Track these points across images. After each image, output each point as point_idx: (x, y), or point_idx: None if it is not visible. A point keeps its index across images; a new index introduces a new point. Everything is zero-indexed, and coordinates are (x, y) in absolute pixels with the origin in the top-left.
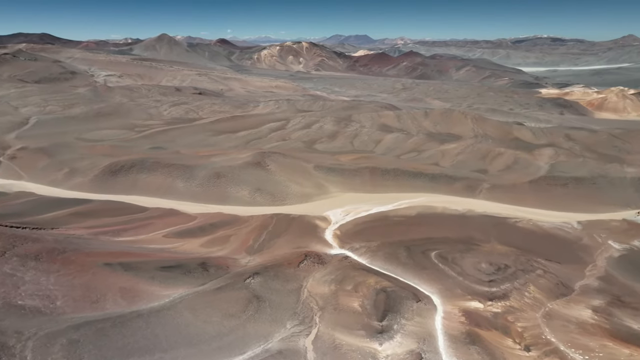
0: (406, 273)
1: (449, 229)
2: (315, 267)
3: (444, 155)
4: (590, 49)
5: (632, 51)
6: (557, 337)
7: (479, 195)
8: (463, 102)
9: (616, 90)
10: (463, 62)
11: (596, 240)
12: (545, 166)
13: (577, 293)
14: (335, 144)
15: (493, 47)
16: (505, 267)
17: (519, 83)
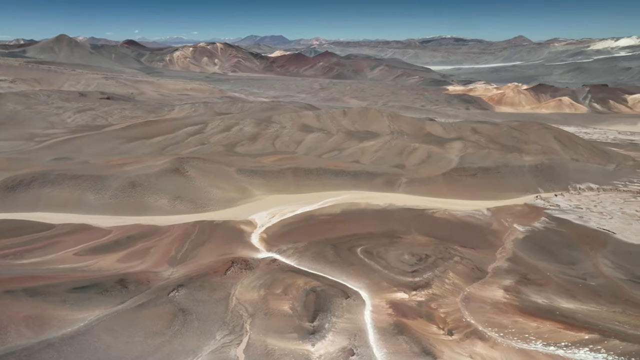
0: (334, 271)
1: (373, 224)
2: (242, 273)
3: (364, 152)
4: (489, 48)
5: (523, 50)
6: (475, 318)
7: (398, 189)
8: (378, 100)
9: (512, 86)
10: (376, 62)
11: (503, 225)
12: (456, 158)
13: (490, 275)
14: (256, 146)
15: (403, 47)
16: (426, 257)
17: (428, 81)
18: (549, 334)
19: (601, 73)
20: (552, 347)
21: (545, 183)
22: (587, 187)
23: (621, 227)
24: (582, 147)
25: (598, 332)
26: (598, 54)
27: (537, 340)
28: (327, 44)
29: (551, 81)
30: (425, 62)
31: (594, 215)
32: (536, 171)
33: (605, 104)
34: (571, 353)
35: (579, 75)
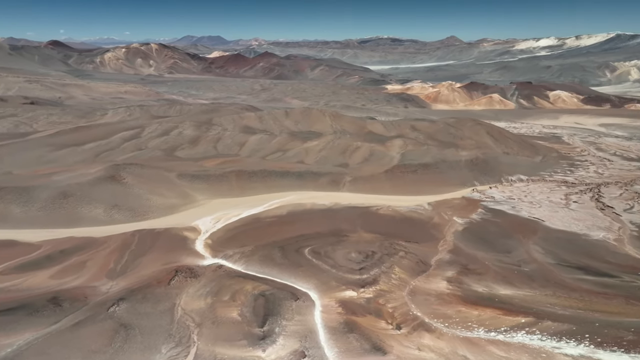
0: (283, 273)
1: (319, 223)
2: (188, 281)
3: (308, 152)
4: (423, 48)
5: (455, 50)
6: (421, 311)
7: (343, 188)
8: (320, 100)
9: (446, 85)
10: (317, 62)
11: (444, 218)
12: (397, 156)
13: (434, 268)
14: (197, 149)
15: (342, 47)
16: (372, 254)
17: (367, 80)
18: (489, 321)
19: (525, 71)
20: (493, 333)
21: (481, 176)
22: (517, 179)
23: (549, 214)
24: (512, 141)
25: (533, 315)
26: (522, 53)
27: (479, 327)
28: (267, 44)
29: (482, 79)
30: (364, 62)
31: (525, 205)
32: (472, 165)
33: (530, 100)
34: (510, 337)
35: (506, 73)
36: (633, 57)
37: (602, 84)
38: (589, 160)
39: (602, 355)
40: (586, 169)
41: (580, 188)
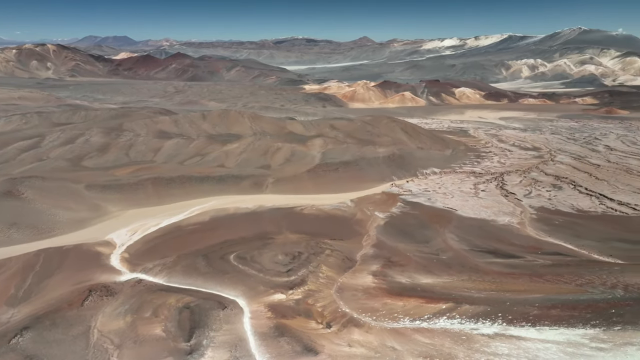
0: (208, 282)
1: (244, 228)
2: (104, 301)
3: (228, 155)
4: (338, 48)
5: (368, 50)
6: (350, 307)
7: (266, 190)
8: (238, 101)
9: (362, 84)
10: (232, 63)
11: (366, 214)
12: (318, 155)
13: (359, 263)
14: (107, 157)
15: (258, 47)
16: (299, 255)
17: (285, 81)
18: (413, 310)
19: (433, 70)
20: (418, 321)
21: (398, 171)
22: (431, 172)
23: (461, 204)
24: (424, 137)
25: (452, 300)
26: (429, 52)
27: (404, 317)
28: (179, 45)
29: (394, 78)
30: (281, 63)
31: (440, 196)
32: (389, 161)
33: (438, 97)
34: (433, 323)
35: (415, 72)
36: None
37: (499, 80)
38: (492, 151)
39: (513, 331)
40: (490, 159)
41: (486, 177)
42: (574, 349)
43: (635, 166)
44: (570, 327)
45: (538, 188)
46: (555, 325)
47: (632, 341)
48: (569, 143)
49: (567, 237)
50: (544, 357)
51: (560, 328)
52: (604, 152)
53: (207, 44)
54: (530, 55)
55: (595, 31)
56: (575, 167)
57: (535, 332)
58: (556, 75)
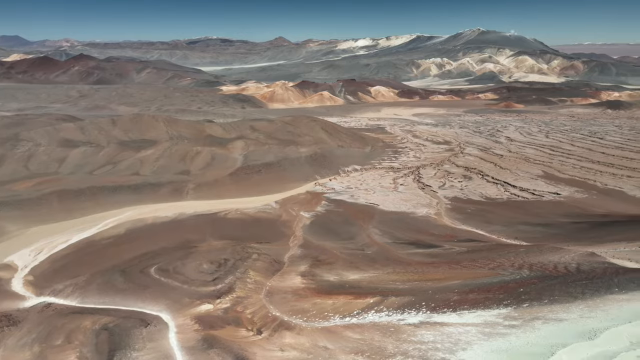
0: (127, 299)
1: (164, 237)
2: (5, 332)
3: (143, 162)
4: (254, 48)
5: (285, 50)
6: (280, 310)
7: (186, 196)
8: (151, 105)
9: (280, 84)
10: (143, 64)
11: (292, 214)
12: (240, 157)
13: (287, 265)
14: (3, 171)
15: (170, 48)
16: (225, 262)
17: (201, 82)
18: (343, 307)
19: (349, 69)
20: (348, 318)
21: (321, 170)
22: (353, 169)
23: (382, 198)
24: (344, 135)
25: (379, 294)
26: (344, 52)
27: (335, 315)
28: (81, 45)
29: (311, 78)
30: (196, 64)
31: (362, 193)
32: (312, 160)
33: (355, 95)
34: (362, 318)
35: (332, 71)
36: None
37: (411, 79)
38: (408, 146)
39: (437, 318)
40: (407, 154)
41: (404, 172)
42: (490, 329)
43: (532, 155)
44: (486, 309)
45: (451, 179)
46: (473, 309)
47: (538, 316)
48: (475, 136)
49: (479, 223)
50: (465, 340)
51: (478, 310)
52: (505, 143)
53: (113, 44)
54: (437, 55)
55: (492, 32)
56: (482, 158)
57: (456, 317)
58: (461, 72)
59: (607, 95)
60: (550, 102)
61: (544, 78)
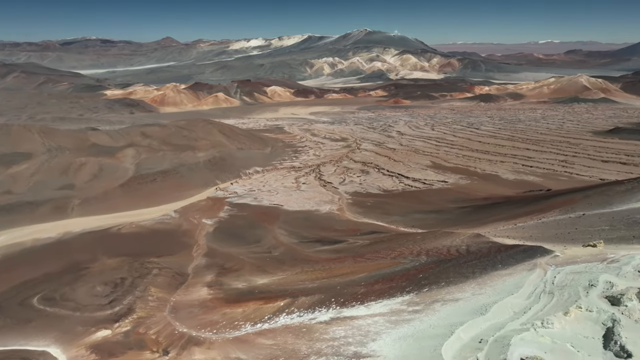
0: (6, 338)
1: (48, 262)
2: None
3: (16, 179)
4: (140, 49)
5: (174, 51)
6: (187, 325)
7: (72, 213)
8: (22, 113)
9: (171, 87)
10: (8, 68)
11: (193, 223)
12: (132, 167)
13: (192, 276)
14: None
15: (40, 49)
16: (122, 281)
17: (81, 87)
18: (254, 314)
19: (243, 70)
20: (259, 324)
21: (221, 174)
22: (254, 171)
23: (285, 199)
24: (243, 137)
25: (289, 296)
26: (237, 53)
27: (246, 323)
28: None
29: (205, 79)
30: (73, 67)
31: (265, 194)
32: (211, 165)
33: (252, 96)
34: (274, 323)
35: (226, 72)
36: (323, 55)
37: (305, 78)
38: (307, 145)
39: (346, 312)
40: (307, 153)
41: (305, 171)
42: (396, 316)
43: (421, 147)
44: (391, 298)
45: (350, 175)
46: (379, 299)
47: (437, 298)
48: (369, 132)
49: (379, 215)
50: (374, 330)
51: (384, 300)
52: (397, 137)
53: None
54: (329, 54)
55: (377, 32)
56: (377, 153)
57: (364, 309)
58: (352, 71)
59: (479, 89)
60: (433, 97)
61: (426, 75)
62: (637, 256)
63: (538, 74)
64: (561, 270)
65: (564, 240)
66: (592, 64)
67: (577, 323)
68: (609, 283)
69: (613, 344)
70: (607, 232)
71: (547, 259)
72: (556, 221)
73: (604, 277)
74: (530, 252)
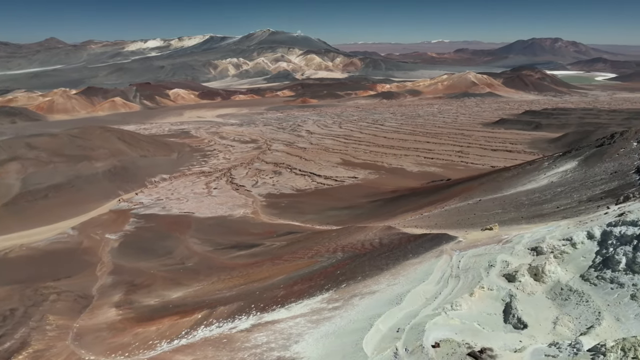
0: None
1: None
2: None
3: None
4: (19, 51)
5: (60, 53)
6: (94, 352)
7: None
8: None
9: (60, 92)
10: None
11: (95, 239)
12: (17, 183)
13: (97, 298)
14: None
15: None
16: (12, 312)
17: None
18: (169, 330)
19: (142, 72)
20: (176, 341)
21: (124, 184)
22: (161, 179)
23: (197, 205)
24: (146, 143)
25: (207, 307)
26: (134, 54)
27: (161, 341)
28: None
29: (99, 83)
30: None
31: (174, 203)
32: (111, 175)
33: (153, 100)
34: (192, 337)
35: (123, 75)
36: (227, 55)
37: (210, 80)
38: (216, 148)
39: (267, 317)
40: (216, 156)
41: (216, 175)
42: (317, 315)
43: (330, 145)
44: (311, 297)
45: (262, 177)
46: (299, 300)
47: (355, 292)
48: (279, 132)
49: (294, 215)
50: (296, 332)
51: (304, 300)
52: (306, 137)
53: None
54: (233, 55)
55: (281, 33)
56: (288, 153)
57: (285, 312)
58: (258, 72)
59: (381, 87)
60: (339, 96)
61: (331, 74)
62: (525, 235)
63: (432, 72)
64: (464, 254)
65: (465, 226)
66: (477, 62)
67: (481, 302)
68: (505, 262)
69: (511, 317)
70: (500, 215)
71: (452, 244)
72: (457, 208)
73: (501, 257)
74: (437, 239)
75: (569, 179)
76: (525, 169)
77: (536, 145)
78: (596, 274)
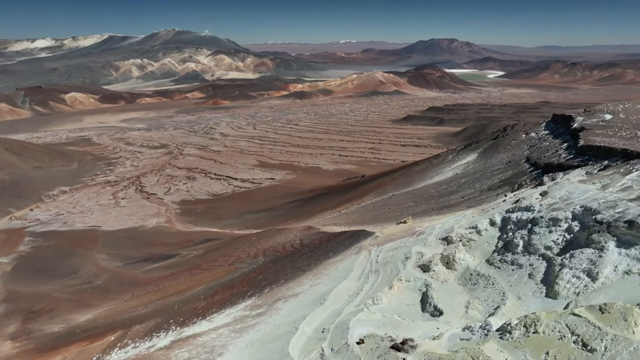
0: None
1: None
2: None
3: None
4: None
5: None
6: None
7: None
8: None
9: None
10: None
11: None
12: None
13: None
14: None
15: None
16: None
17: None
18: (77, 358)
19: (31, 75)
20: None
21: (15, 200)
22: (60, 192)
23: (103, 218)
24: (40, 153)
25: (120, 327)
26: (20, 55)
27: None
28: None
29: None
30: None
31: (77, 217)
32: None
33: (46, 105)
34: None
35: (7, 78)
36: (129, 56)
37: (111, 82)
38: (122, 155)
39: (188, 331)
40: (123, 164)
41: (123, 184)
42: (241, 324)
43: (245, 147)
44: (233, 305)
45: (175, 183)
46: (221, 309)
47: (279, 296)
48: (191, 135)
49: (211, 221)
50: (220, 344)
51: (226, 309)
52: (220, 139)
53: None
54: (136, 56)
55: (187, 32)
56: (202, 157)
57: (207, 324)
58: (164, 73)
59: (294, 87)
60: (251, 97)
61: (242, 75)
62: (437, 226)
63: (342, 71)
64: (382, 248)
65: (381, 221)
66: (383, 61)
67: (400, 294)
68: (419, 253)
69: (428, 306)
70: (413, 208)
71: (370, 240)
72: (373, 204)
73: (415, 248)
74: (356, 236)
75: (471, 170)
76: (432, 163)
77: (440, 140)
78: (499, 258)
